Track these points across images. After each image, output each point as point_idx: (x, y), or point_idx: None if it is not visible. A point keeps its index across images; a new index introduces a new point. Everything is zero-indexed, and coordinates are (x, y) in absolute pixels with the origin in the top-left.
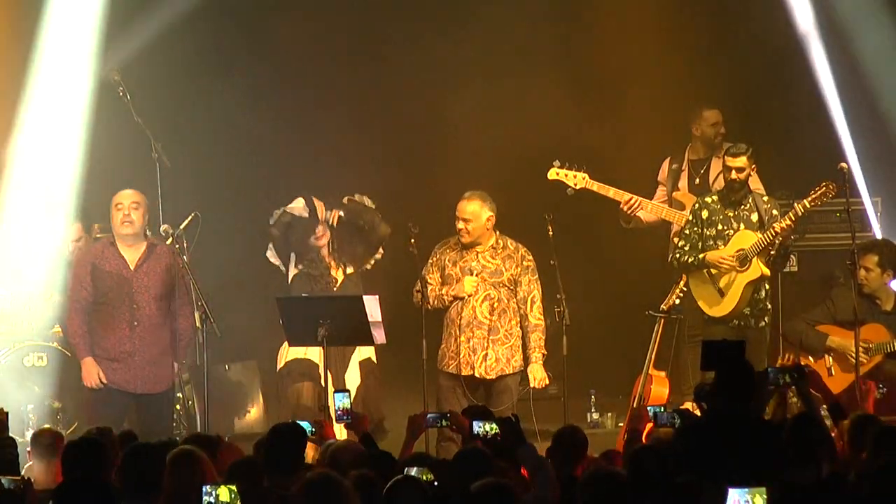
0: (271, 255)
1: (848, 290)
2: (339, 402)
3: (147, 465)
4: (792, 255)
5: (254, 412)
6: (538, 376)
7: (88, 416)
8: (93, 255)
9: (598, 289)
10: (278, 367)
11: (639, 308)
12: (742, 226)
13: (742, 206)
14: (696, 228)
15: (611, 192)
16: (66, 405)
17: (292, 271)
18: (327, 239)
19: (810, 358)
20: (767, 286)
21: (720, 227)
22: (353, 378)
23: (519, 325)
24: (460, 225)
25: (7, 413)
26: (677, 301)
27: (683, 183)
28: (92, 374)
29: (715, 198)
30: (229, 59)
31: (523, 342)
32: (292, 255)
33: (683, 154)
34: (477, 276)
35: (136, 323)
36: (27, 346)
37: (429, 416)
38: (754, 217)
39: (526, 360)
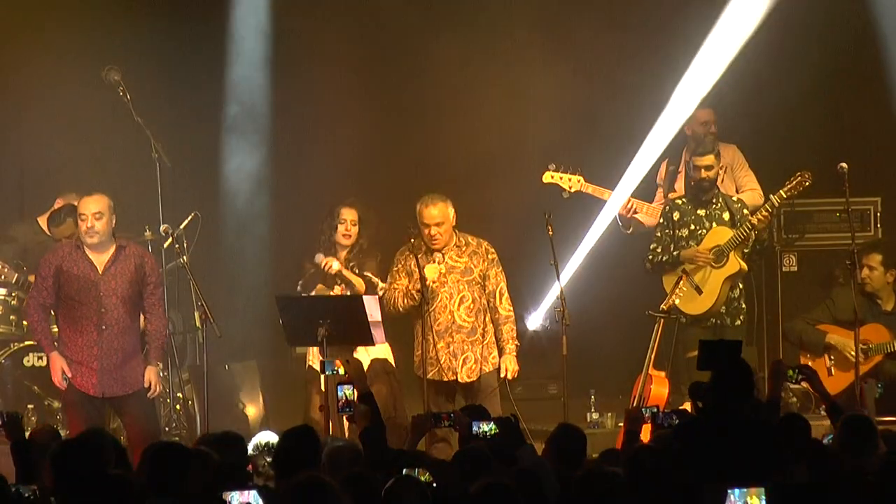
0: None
1: (848, 290)
2: (341, 392)
3: (170, 465)
4: (792, 255)
5: (254, 412)
6: (511, 367)
7: (68, 419)
8: (59, 257)
9: (597, 289)
10: (307, 365)
11: (639, 308)
12: (715, 224)
13: (713, 206)
14: (667, 230)
15: (606, 194)
16: None
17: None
18: (352, 240)
19: (810, 357)
20: (741, 285)
21: (692, 227)
22: None
23: (491, 320)
24: (433, 231)
25: (21, 416)
26: (677, 301)
27: (680, 184)
28: (56, 368)
29: (684, 199)
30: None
31: (495, 336)
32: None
33: (680, 156)
34: (447, 273)
35: (104, 326)
36: (27, 346)
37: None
38: (726, 216)
39: (500, 351)
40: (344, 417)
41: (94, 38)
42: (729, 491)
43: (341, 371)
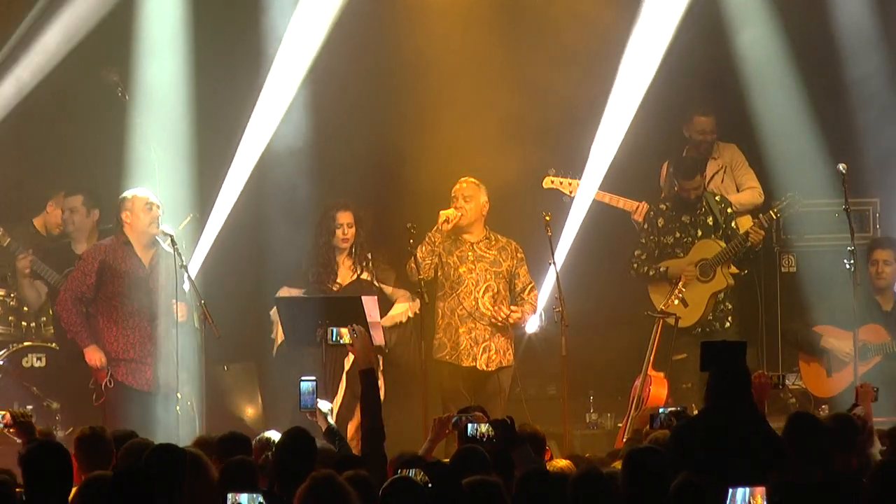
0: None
1: (847, 291)
2: (304, 389)
3: (168, 466)
4: (791, 256)
5: (253, 412)
6: (515, 313)
7: (108, 418)
8: (103, 252)
9: (597, 289)
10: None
11: (638, 309)
12: (700, 231)
13: (696, 211)
14: (652, 237)
15: (606, 198)
16: (65, 406)
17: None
18: (349, 242)
19: (808, 358)
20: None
21: (678, 234)
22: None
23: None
24: (460, 203)
25: (31, 416)
26: (676, 302)
27: None
28: (95, 359)
29: (668, 204)
30: (229, 58)
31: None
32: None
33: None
34: (475, 262)
35: (156, 321)
36: (27, 347)
37: (455, 418)
38: (710, 220)
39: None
40: (307, 414)
41: (91, 37)
42: (730, 490)
43: (346, 340)
